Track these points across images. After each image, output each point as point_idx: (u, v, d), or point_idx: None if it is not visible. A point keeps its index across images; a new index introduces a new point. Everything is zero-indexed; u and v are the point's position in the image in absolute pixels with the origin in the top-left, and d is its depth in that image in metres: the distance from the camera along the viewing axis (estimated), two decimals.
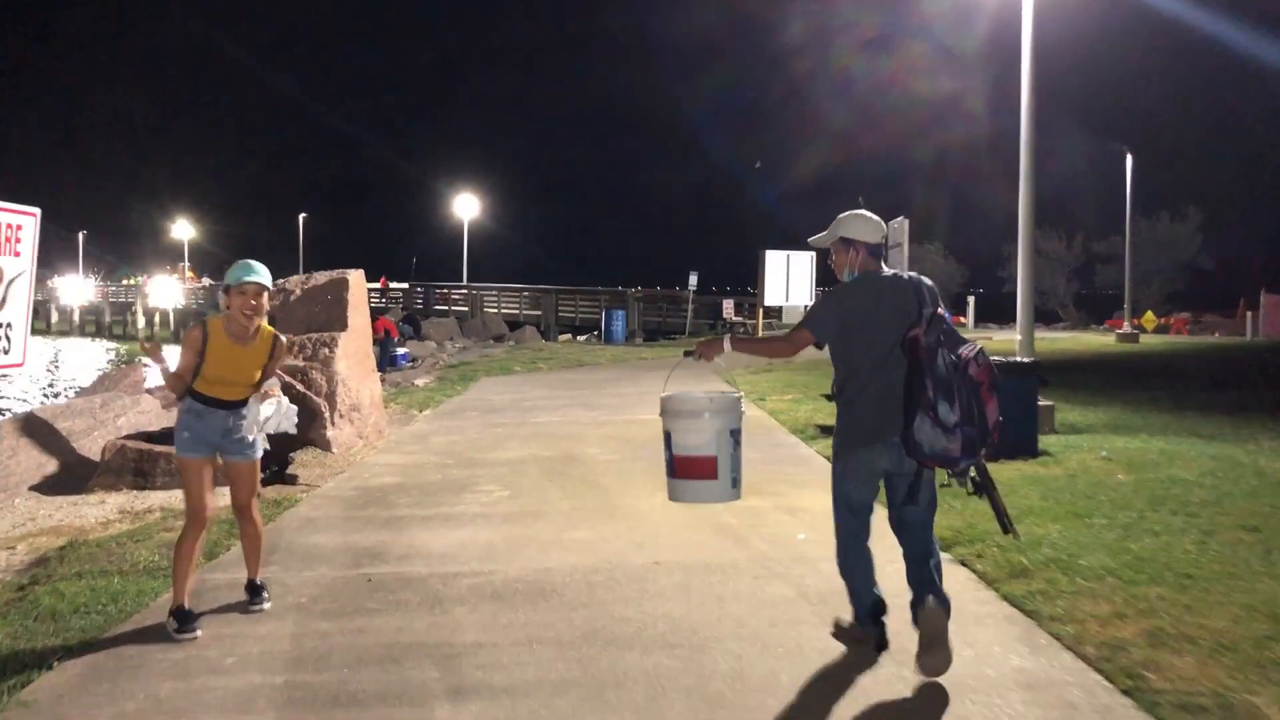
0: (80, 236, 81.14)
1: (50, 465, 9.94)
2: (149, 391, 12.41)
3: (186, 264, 74.08)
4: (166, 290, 62.25)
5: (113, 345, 54.33)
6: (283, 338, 5.00)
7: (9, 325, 4.05)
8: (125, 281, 71.97)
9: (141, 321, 61.53)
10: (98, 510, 7.93)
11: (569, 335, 36.87)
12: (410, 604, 5.11)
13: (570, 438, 11.07)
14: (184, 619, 4.60)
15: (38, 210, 4.25)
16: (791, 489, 7.95)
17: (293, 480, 8.80)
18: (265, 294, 4.76)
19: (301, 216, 77.08)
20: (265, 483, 9.16)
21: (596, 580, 5.45)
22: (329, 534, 6.75)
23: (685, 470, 4.21)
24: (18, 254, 4.11)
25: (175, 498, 8.56)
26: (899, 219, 12.87)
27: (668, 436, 4.24)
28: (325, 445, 9.96)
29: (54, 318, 65.89)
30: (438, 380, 18.71)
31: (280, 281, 11.98)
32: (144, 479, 9.36)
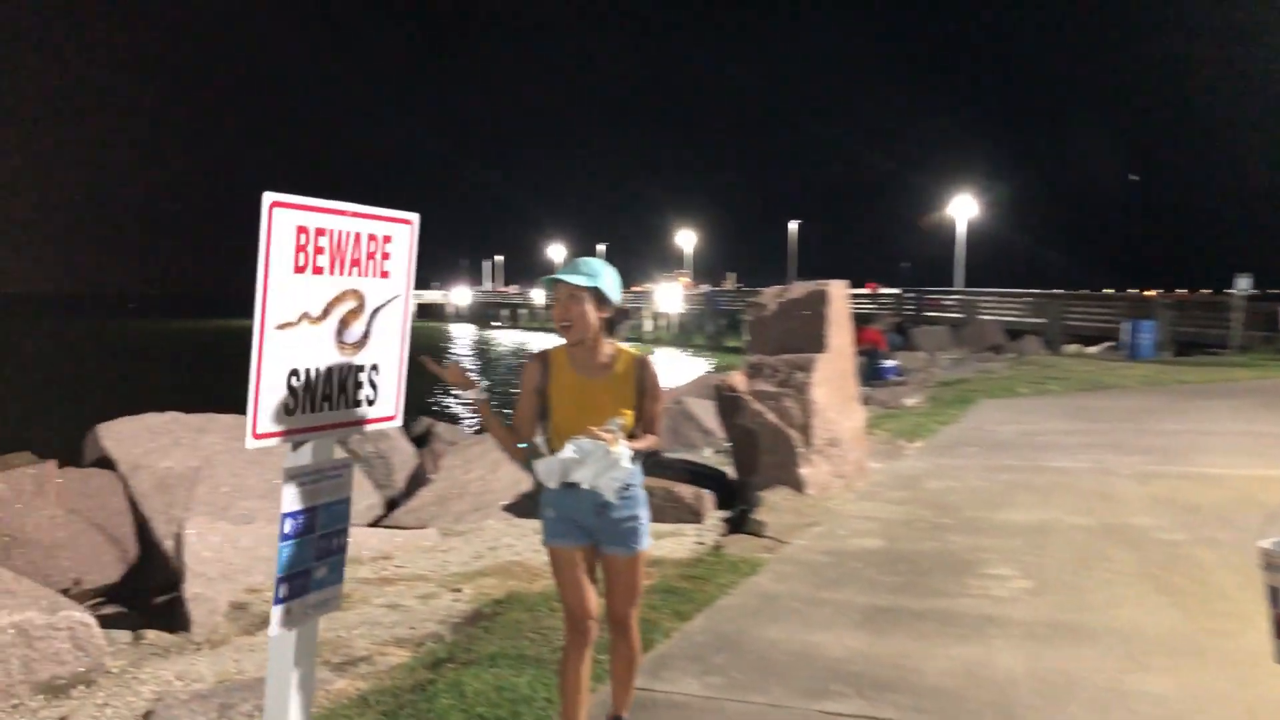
0: (601, 249, 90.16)
1: (527, 482, 9.65)
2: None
3: (684, 271, 78.57)
4: (671, 296, 66.40)
5: (626, 347, 58.79)
6: (651, 364, 3.53)
7: (374, 368, 2.94)
8: (635, 288, 78.23)
9: (648, 325, 66.31)
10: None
11: (1078, 347, 32.37)
12: None
13: (1104, 496, 8.53)
14: None
15: (414, 216, 3.13)
16: None
17: (757, 530, 7.46)
18: (588, 300, 3.39)
19: (793, 224, 78.03)
20: (731, 529, 7.93)
21: None
22: (790, 628, 5.21)
23: None
24: (385, 274, 3.03)
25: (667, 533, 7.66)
26: None
27: (1273, 592, 2.74)
28: (798, 485, 8.53)
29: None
30: (929, 401, 16.60)
31: (755, 295, 10.84)
32: None
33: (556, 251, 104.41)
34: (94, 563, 7.31)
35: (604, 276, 3.44)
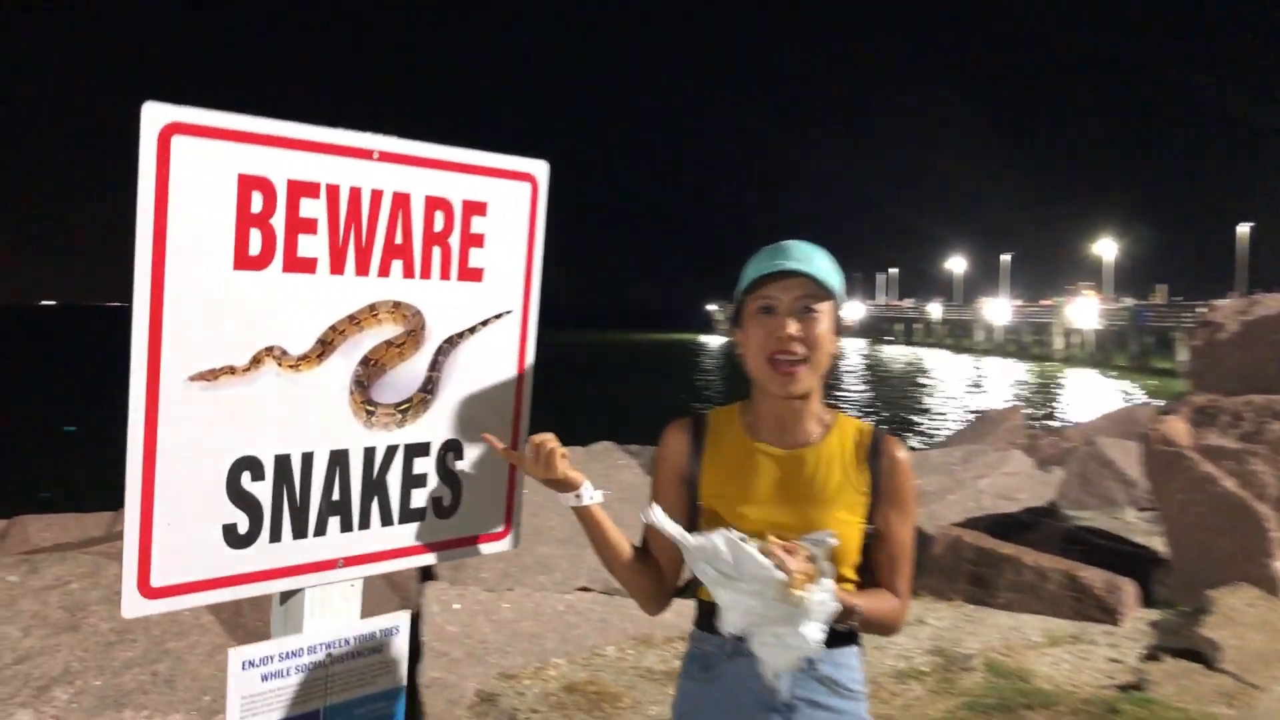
0: (1006, 259, 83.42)
1: None
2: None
3: (1088, 284, 69.67)
4: (1085, 311, 59.48)
5: (1031, 367, 53.76)
6: (901, 445, 1.78)
7: (451, 450, 1.37)
8: (1044, 302, 71.23)
9: (1059, 343, 60.08)
10: (913, 642, 5.31)
11: None
12: None
13: None
14: None
15: (540, 166, 1.54)
16: None
17: (1208, 656, 5.05)
18: (828, 315, 1.70)
19: (1242, 227, 66.34)
20: (1162, 644, 5.54)
21: None
22: None
23: None
24: (474, 273, 1.48)
25: (1014, 633, 5.61)
26: None
27: None
28: (1271, 586, 5.89)
29: (978, 336, 69.10)
30: None
31: (1199, 311, 8.06)
32: (982, 589, 6.59)
33: (955, 264, 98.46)
34: (376, 608, 6.54)
35: (840, 278, 1.69)
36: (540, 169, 1.82)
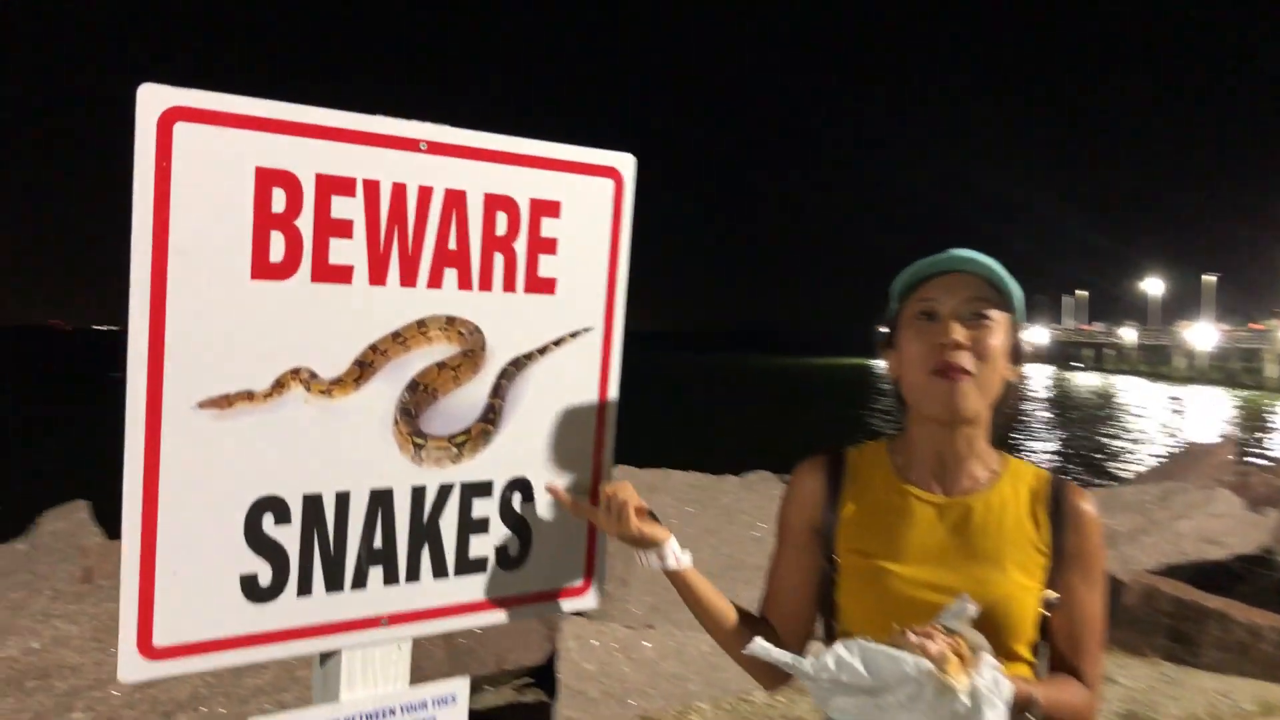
0: (1210, 280, 77.30)
1: None
2: None
3: None
4: None
5: (1240, 396, 49.47)
6: (1085, 499, 1.39)
7: (516, 489, 1.17)
8: (1254, 326, 65.60)
9: (1273, 370, 55.12)
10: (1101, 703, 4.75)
11: None
12: None
13: None
14: None
15: (625, 160, 1.29)
16: None
17: None
18: (1003, 327, 1.34)
19: None
20: None
21: None
22: None
23: None
24: (544, 284, 1.25)
25: (1222, 700, 4.95)
26: None
27: None
28: None
29: (1178, 363, 64.62)
30: None
31: None
32: (1183, 646, 5.92)
33: (1152, 285, 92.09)
34: (521, 640, 6.44)
35: (1018, 289, 1.34)
36: (625, 163, 1.56)
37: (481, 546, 1.48)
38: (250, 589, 1.29)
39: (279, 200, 1.25)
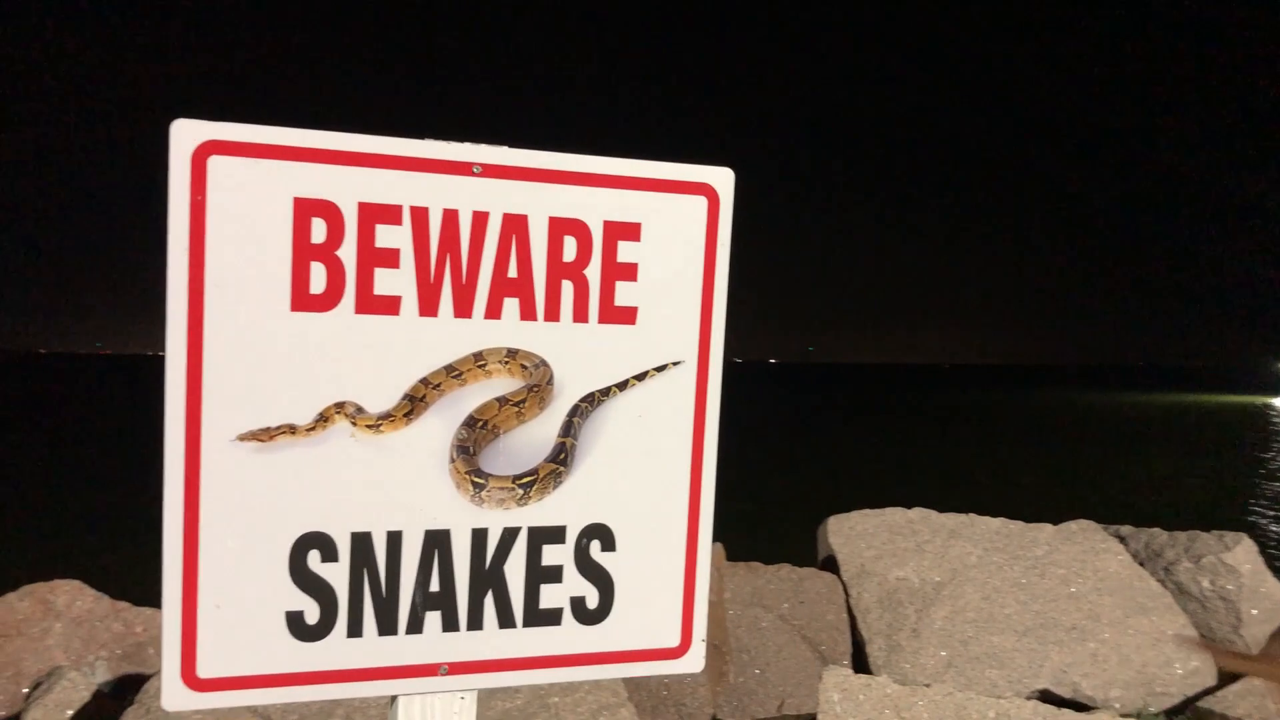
0: None
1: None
2: None
3: None
4: None
5: None
6: None
7: (596, 536, 1.19)
8: None
9: None
10: None
11: None
12: None
13: None
14: None
15: (722, 175, 1.21)
16: None
17: None
18: None
19: None
20: None
21: None
22: None
23: None
24: (621, 314, 1.20)
25: None
26: None
27: None
28: None
29: None
30: None
31: None
32: None
33: None
34: (803, 683, 6.21)
35: None
36: (722, 179, 1.39)
37: (554, 597, 1.37)
38: (297, 626, 1.27)
39: (319, 230, 1.23)
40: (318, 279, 1.23)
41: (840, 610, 6.49)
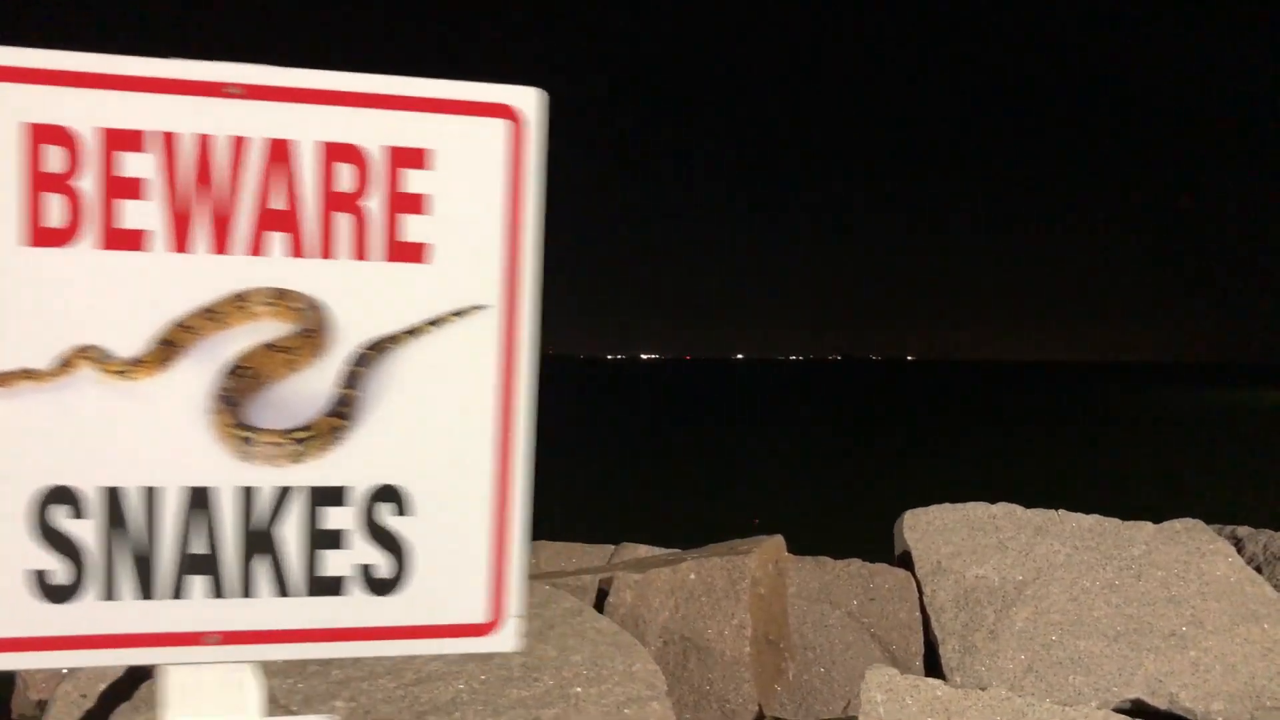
0: None
1: None
2: None
3: None
4: None
5: None
6: None
7: (385, 497, 1.09)
8: None
9: None
10: None
11: None
12: None
13: None
14: None
15: (526, 95, 1.08)
16: None
17: None
18: None
19: None
20: None
21: None
22: None
23: None
24: (411, 251, 1.10)
25: None
26: None
27: None
28: None
29: None
30: None
31: None
32: None
33: None
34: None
35: None
36: (527, 99, 1.23)
37: (338, 564, 1.24)
38: (41, 587, 1.17)
39: (55, 159, 1.13)
40: (54, 211, 1.14)
41: (913, 609, 6.17)
